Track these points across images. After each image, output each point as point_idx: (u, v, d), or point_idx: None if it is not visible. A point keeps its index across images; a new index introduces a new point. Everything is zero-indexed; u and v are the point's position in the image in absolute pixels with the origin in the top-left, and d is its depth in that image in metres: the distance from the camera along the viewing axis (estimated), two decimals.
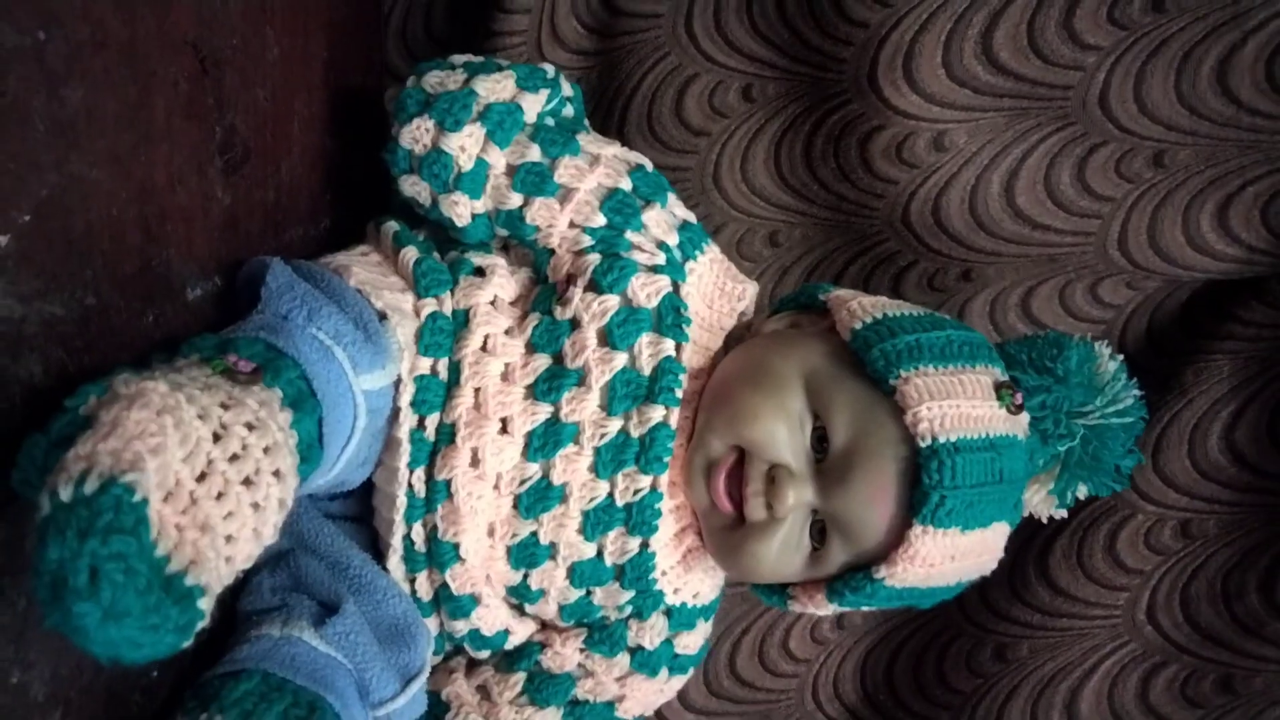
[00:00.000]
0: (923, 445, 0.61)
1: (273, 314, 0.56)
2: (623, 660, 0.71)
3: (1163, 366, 0.88)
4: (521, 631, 0.71)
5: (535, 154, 0.67)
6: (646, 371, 0.66)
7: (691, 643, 0.73)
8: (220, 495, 0.43)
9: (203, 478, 0.43)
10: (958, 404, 0.63)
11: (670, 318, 0.67)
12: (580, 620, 0.71)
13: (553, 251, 0.69)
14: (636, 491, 0.66)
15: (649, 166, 0.70)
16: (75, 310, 0.46)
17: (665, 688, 0.74)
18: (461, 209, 0.67)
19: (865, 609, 0.69)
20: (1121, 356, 0.74)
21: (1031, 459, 0.69)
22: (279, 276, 0.57)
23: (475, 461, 0.65)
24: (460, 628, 0.68)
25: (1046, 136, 0.83)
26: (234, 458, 0.44)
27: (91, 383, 0.42)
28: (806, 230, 0.90)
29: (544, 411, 0.65)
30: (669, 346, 0.66)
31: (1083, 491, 0.74)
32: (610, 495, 0.66)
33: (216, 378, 0.47)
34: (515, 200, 0.67)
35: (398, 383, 0.63)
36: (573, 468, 0.65)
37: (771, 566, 0.66)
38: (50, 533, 0.37)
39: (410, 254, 0.67)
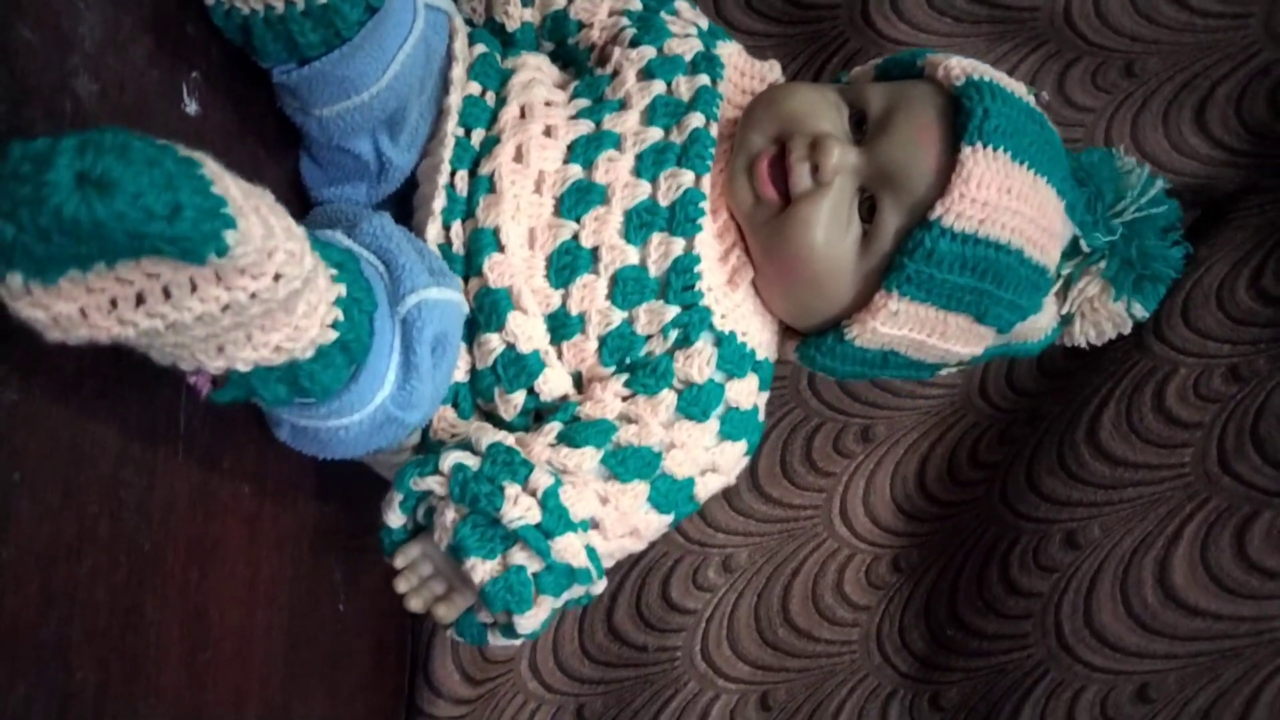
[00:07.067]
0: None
1: None
2: (668, 399, 0.65)
3: None
4: (558, 370, 0.65)
5: None
6: (685, 97, 0.69)
7: (743, 393, 0.67)
8: None
9: None
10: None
11: (704, 65, 0.71)
12: (622, 361, 0.66)
13: (594, 46, 0.75)
14: (679, 187, 0.66)
15: None
16: None
17: (717, 451, 0.67)
18: (512, 10, 0.74)
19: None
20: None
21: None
22: None
23: (519, 156, 0.66)
24: (494, 344, 0.64)
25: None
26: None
27: None
28: None
29: (586, 126, 0.68)
30: (705, 79, 0.70)
31: (1139, 310, 0.73)
32: (653, 196, 0.66)
33: None
34: (560, 1, 0.74)
35: (449, 62, 0.67)
36: (615, 169, 0.66)
37: (823, 242, 0.64)
38: None
39: (463, 23, 0.73)
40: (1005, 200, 0.62)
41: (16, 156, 0.35)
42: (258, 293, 0.42)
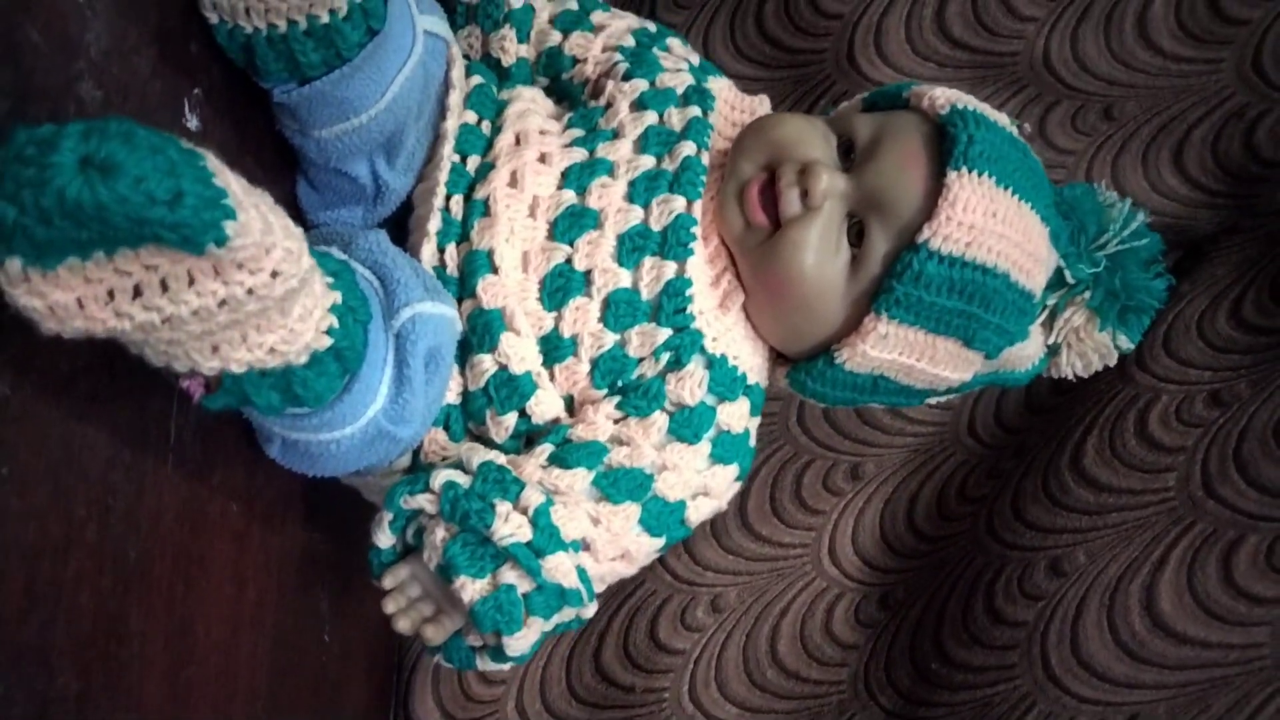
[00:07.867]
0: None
1: None
2: (660, 421, 0.65)
3: None
4: (550, 392, 0.66)
5: (573, 4, 0.78)
6: (677, 127, 0.70)
7: (735, 416, 0.68)
8: None
9: None
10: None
11: (696, 97, 0.72)
12: (614, 384, 0.67)
13: (588, 80, 0.76)
14: (671, 212, 0.67)
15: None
16: None
17: (709, 474, 0.67)
18: (508, 45, 0.76)
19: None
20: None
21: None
22: None
23: (514, 182, 0.67)
24: (487, 365, 0.64)
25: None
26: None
27: None
28: None
29: (580, 154, 0.69)
30: (696, 111, 0.71)
31: (1124, 341, 0.74)
32: (645, 221, 0.67)
33: None
34: (555, 37, 0.76)
35: (447, 73, 0.68)
36: (609, 194, 0.67)
37: (813, 265, 0.64)
38: None
39: (460, 53, 0.74)
40: (991, 224, 0.63)
41: (21, 141, 0.36)
42: (254, 289, 0.42)
